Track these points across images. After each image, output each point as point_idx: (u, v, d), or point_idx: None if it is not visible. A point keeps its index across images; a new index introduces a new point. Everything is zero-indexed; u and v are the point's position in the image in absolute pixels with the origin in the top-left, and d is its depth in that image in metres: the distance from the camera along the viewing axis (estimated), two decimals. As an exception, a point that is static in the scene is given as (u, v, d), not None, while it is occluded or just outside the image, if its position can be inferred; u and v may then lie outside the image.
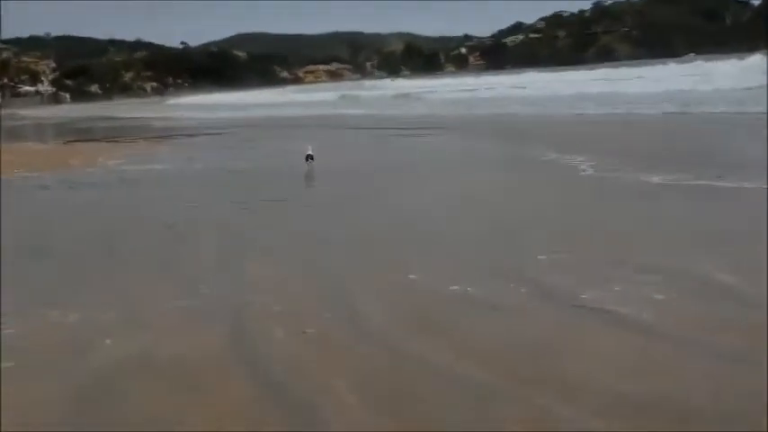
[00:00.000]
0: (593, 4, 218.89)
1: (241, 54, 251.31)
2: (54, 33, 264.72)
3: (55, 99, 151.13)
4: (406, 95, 61.38)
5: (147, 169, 17.60)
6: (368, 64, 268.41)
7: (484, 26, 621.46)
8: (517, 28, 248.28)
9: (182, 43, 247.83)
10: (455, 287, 6.58)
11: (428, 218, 10.13)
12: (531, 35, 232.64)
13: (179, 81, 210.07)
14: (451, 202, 11.31)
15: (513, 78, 72.26)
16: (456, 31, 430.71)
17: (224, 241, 8.97)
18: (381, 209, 11.01)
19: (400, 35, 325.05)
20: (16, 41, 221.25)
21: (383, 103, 50.83)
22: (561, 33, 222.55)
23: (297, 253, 8.29)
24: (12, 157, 21.73)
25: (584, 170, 13.42)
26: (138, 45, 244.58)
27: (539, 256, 7.43)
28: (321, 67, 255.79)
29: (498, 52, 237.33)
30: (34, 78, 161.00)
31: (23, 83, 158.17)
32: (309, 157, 15.64)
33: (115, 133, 36.45)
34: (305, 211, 11.07)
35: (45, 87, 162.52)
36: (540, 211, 10.13)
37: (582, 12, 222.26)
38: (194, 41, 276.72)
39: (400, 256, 7.85)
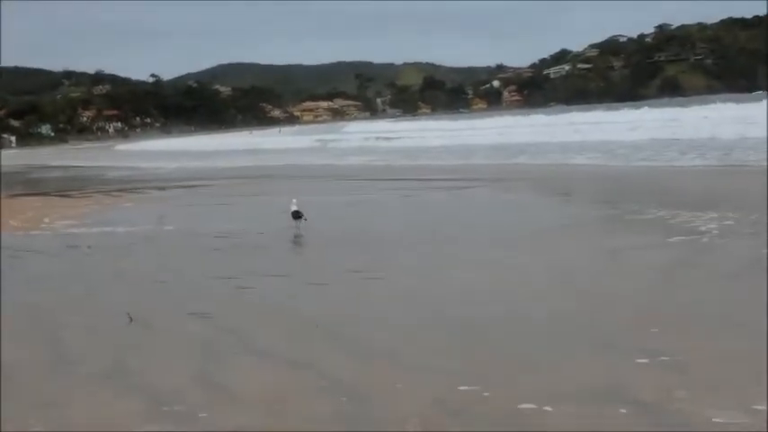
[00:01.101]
0: (657, 27, 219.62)
1: (224, 89, 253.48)
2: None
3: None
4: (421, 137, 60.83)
5: (104, 232, 16.83)
6: (379, 100, 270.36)
7: (521, 55, 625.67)
8: (562, 57, 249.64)
9: (152, 76, 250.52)
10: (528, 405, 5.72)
11: (484, 305, 9.20)
12: (580, 65, 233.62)
13: (148, 120, 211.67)
14: (514, 277, 10.41)
15: (561, 118, 71.67)
16: (487, 60, 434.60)
17: (207, 341, 8.05)
18: (415, 291, 10.09)
19: (417, 65, 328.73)
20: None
21: (404, 149, 50.35)
22: (617, 63, 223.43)
23: (310, 359, 7.33)
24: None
25: (704, 231, 12.78)
26: (100, 78, 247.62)
27: (637, 359, 6.60)
28: (322, 103, 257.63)
29: (539, 86, 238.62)
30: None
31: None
32: (297, 215, 15.29)
33: (68, 185, 35.96)
34: (310, 291, 10.16)
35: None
36: (652, 289, 9.25)
37: (642, 36, 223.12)
38: (168, 74, 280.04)
39: (450, 363, 6.94)
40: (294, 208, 15.54)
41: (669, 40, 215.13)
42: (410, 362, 7.07)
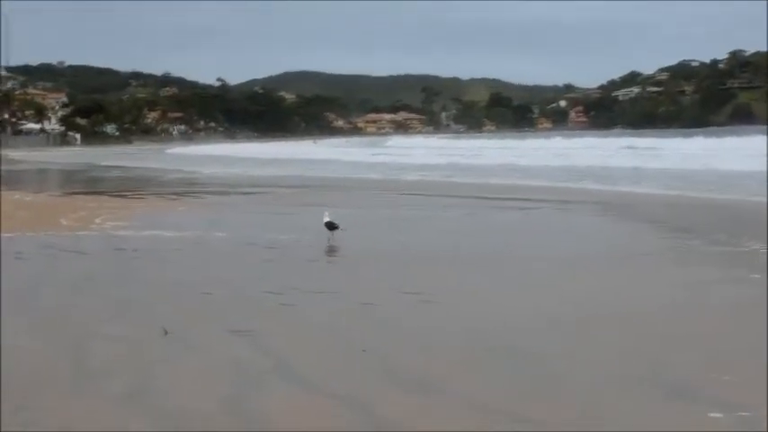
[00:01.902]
0: (730, 53, 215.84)
1: (289, 96, 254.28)
2: (69, 62, 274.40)
3: (63, 140, 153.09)
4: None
5: (153, 236, 16.40)
6: (443, 114, 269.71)
7: (590, 75, 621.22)
8: (632, 79, 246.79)
9: (218, 80, 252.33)
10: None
11: (549, 339, 8.50)
12: (650, 89, 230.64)
13: (212, 125, 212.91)
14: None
15: (632, 141, 70.08)
16: (555, 79, 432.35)
17: (244, 362, 7.48)
18: (472, 317, 9.42)
19: (484, 81, 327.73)
20: (24, 69, 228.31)
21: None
22: (688, 87, 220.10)
23: (353, 391, 6.70)
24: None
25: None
26: (166, 80, 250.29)
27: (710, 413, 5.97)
28: (386, 116, 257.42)
29: (606, 108, 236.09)
30: (41, 114, 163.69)
31: (27, 119, 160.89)
32: (332, 226, 14.88)
33: (125, 185, 35.92)
34: (358, 312, 9.53)
35: (52, 125, 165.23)
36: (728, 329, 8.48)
37: (715, 62, 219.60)
38: (234, 79, 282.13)
39: (513, 405, 6.26)
40: (327, 219, 15.02)
41: (742, 66, 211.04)
42: (468, 400, 6.42)
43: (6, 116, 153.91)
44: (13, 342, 8.18)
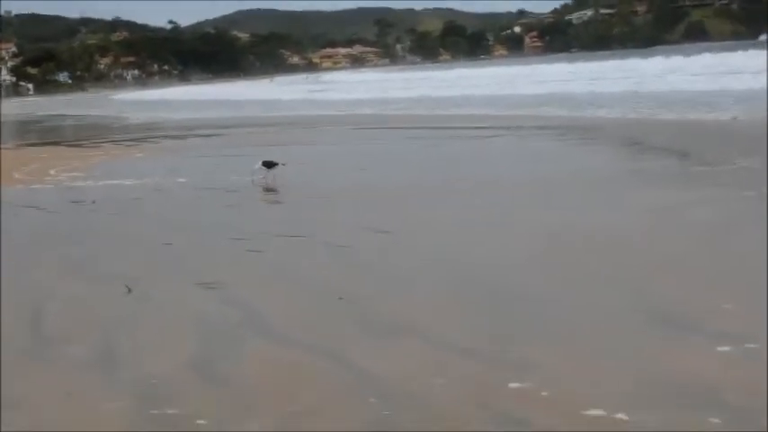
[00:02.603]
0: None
1: (243, 35, 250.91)
2: (16, 12, 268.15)
3: (15, 90, 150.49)
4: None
5: (111, 185, 15.78)
6: (398, 46, 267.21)
7: (543, 0, 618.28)
8: (585, 2, 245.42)
9: (170, 22, 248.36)
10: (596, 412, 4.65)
11: (521, 271, 8.09)
12: (603, 11, 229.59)
13: (166, 68, 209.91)
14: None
15: (587, 67, 69.14)
16: (508, 6, 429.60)
17: (212, 319, 7.01)
18: (439, 252, 8.99)
19: (438, 11, 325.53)
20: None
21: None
22: (641, 8, 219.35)
23: (331, 342, 6.26)
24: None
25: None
26: (117, 25, 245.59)
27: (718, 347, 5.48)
28: (341, 50, 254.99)
29: (561, 32, 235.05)
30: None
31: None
32: (270, 164, 14.62)
33: (79, 134, 35.02)
34: (328, 254, 9.04)
35: (3, 76, 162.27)
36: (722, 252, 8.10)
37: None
38: (185, 20, 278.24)
39: (493, 348, 5.84)
40: (260, 162, 14.75)
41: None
42: (450, 344, 5.99)
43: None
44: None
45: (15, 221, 12.40)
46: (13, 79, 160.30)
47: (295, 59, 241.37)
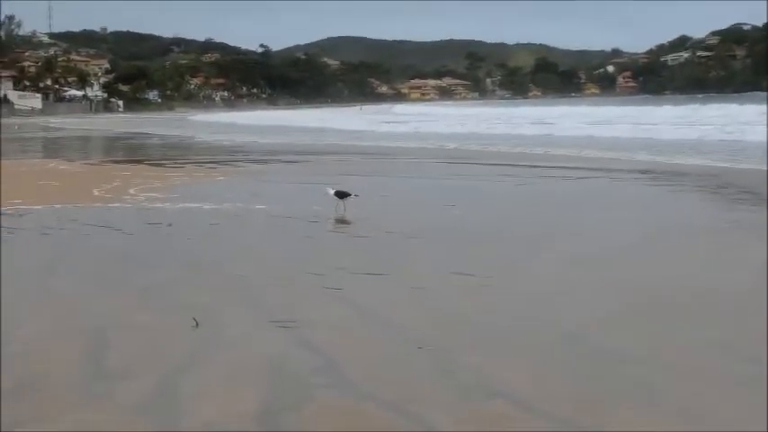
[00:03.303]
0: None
1: (332, 62, 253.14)
2: (111, 29, 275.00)
3: (105, 106, 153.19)
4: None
5: (189, 209, 15.50)
6: (488, 80, 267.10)
7: (638, 40, 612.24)
8: (681, 44, 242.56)
9: (261, 46, 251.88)
10: None
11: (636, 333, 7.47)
12: (700, 53, 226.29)
13: (254, 91, 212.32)
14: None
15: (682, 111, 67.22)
16: (601, 44, 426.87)
17: (284, 362, 6.55)
18: (534, 301, 8.40)
19: (530, 46, 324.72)
20: (66, 36, 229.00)
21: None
22: (740, 52, 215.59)
23: (409, 400, 5.75)
24: (18, 180, 20.11)
25: None
26: (209, 46, 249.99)
27: None
28: (430, 81, 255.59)
29: (655, 73, 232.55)
30: (83, 81, 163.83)
31: (70, 85, 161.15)
32: (343, 194, 14.46)
33: (163, 153, 35.17)
34: (410, 298, 8.52)
35: (95, 92, 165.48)
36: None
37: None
38: (276, 45, 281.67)
39: (597, 418, 5.26)
40: (332, 191, 14.55)
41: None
42: (540, 413, 5.44)
43: (49, 82, 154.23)
44: (24, 332, 7.33)
45: (88, 241, 12.17)
46: (105, 95, 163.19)
47: (383, 89, 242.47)
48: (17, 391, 5.87)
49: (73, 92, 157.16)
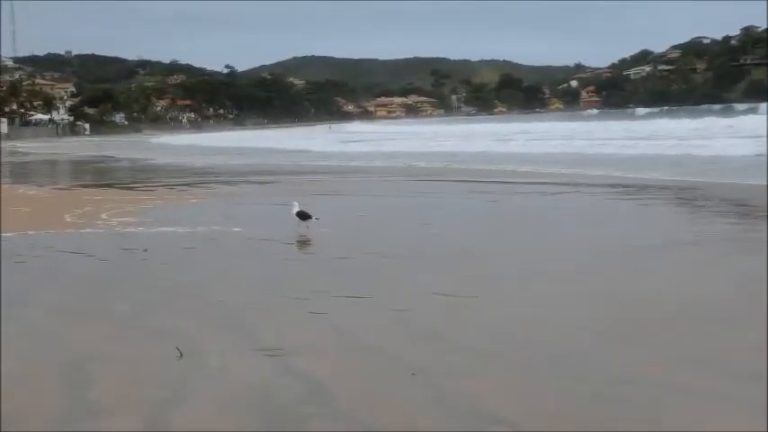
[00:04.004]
0: (743, 29, 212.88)
1: (298, 82, 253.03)
2: (75, 52, 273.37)
3: (72, 129, 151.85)
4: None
5: (163, 233, 15.25)
6: (454, 97, 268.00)
7: (600, 55, 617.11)
8: (643, 58, 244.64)
9: (226, 67, 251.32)
10: None
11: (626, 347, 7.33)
12: (662, 67, 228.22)
13: (221, 112, 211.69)
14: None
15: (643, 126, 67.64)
16: (565, 59, 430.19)
17: (271, 392, 6.34)
18: (518, 321, 8.25)
19: (494, 63, 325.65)
20: (31, 60, 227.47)
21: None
22: (700, 65, 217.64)
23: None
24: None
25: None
26: (174, 68, 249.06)
27: None
28: (396, 99, 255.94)
29: (618, 87, 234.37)
30: (49, 104, 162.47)
31: (36, 109, 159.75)
32: (305, 216, 14.43)
33: (134, 176, 34.85)
34: (395, 320, 8.34)
35: (61, 115, 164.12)
36: None
37: (727, 39, 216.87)
38: (242, 65, 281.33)
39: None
40: (296, 209, 14.50)
41: (755, 42, 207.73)
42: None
43: (15, 107, 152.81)
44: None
45: (63, 269, 11.89)
46: (71, 118, 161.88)
47: (350, 107, 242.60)
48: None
49: (39, 116, 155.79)
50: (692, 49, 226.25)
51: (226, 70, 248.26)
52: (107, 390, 6.44)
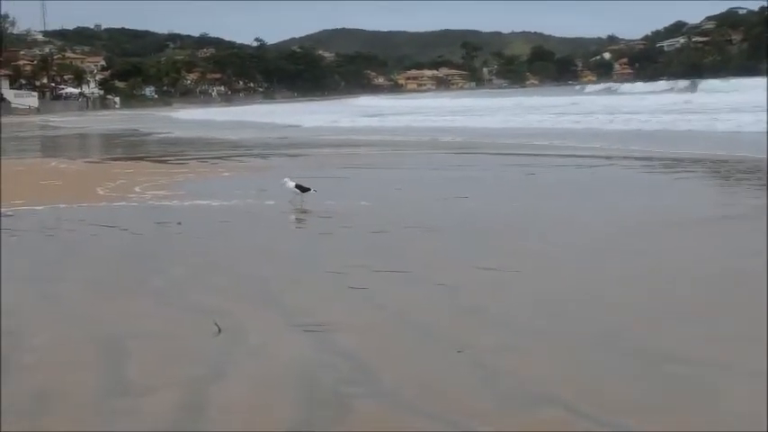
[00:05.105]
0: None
1: (328, 54, 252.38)
2: (105, 25, 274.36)
3: (102, 103, 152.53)
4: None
5: (197, 206, 15.10)
6: (485, 70, 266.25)
7: (634, 26, 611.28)
8: (677, 29, 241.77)
9: (256, 40, 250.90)
10: None
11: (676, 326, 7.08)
12: (696, 38, 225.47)
13: (251, 85, 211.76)
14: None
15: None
16: (598, 31, 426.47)
17: (314, 369, 6.15)
18: (564, 293, 8.02)
19: (526, 35, 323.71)
20: (61, 34, 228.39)
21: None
22: (736, 36, 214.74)
23: (453, 411, 5.36)
24: (20, 182, 19.70)
25: None
26: (204, 41, 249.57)
27: None
28: (427, 72, 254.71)
29: (652, 59, 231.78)
30: (79, 78, 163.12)
31: (66, 83, 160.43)
32: (303, 188, 14.44)
33: (165, 149, 34.74)
34: (439, 296, 8.12)
35: (91, 89, 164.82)
36: None
37: (764, 9, 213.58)
38: (271, 38, 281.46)
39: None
40: (292, 183, 14.48)
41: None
42: (597, 421, 5.06)
43: (46, 81, 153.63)
44: (30, 343, 6.93)
45: (96, 242, 11.76)
46: (101, 92, 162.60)
47: (380, 80, 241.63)
48: (33, 407, 5.49)
49: (69, 89, 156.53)
50: (728, 19, 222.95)
51: (255, 43, 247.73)
52: (144, 366, 6.29)
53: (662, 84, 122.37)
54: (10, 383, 5.92)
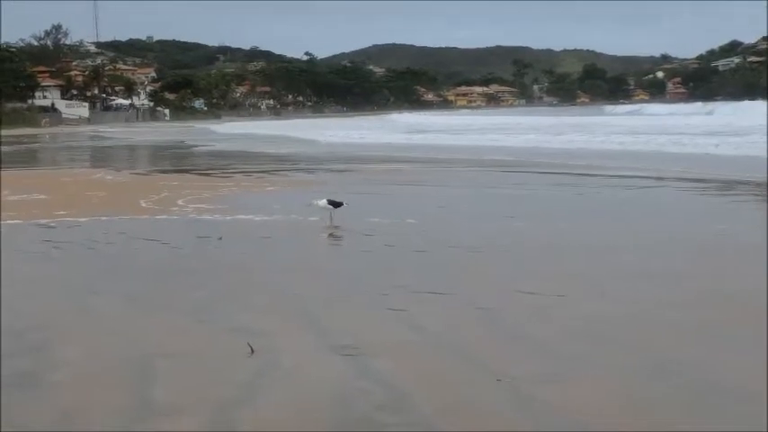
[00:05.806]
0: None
1: (378, 70, 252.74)
2: (157, 37, 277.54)
3: (152, 115, 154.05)
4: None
5: (239, 221, 15.03)
6: (536, 87, 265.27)
7: (688, 45, 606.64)
8: (732, 49, 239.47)
9: (306, 54, 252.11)
10: None
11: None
12: (752, 58, 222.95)
13: (300, 99, 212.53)
14: None
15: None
16: (651, 50, 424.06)
17: (350, 394, 5.99)
18: (612, 320, 7.78)
19: (578, 53, 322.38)
20: (112, 45, 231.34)
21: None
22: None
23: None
24: (65, 193, 19.84)
25: None
26: (254, 54, 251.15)
27: None
28: (477, 88, 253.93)
29: (706, 79, 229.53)
30: (130, 89, 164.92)
31: (117, 94, 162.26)
32: (337, 204, 14.25)
33: (212, 163, 34.86)
34: (478, 320, 7.92)
35: (141, 101, 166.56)
36: None
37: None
38: (322, 53, 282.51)
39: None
40: (322, 202, 14.30)
41: None
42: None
43: (96, 91, 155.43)
44: (60, 357, 6.84)
45: (135, 256, 11.72)
46: (151, 104, 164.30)
47: (429, 96, 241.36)
48: (54, 427, 5.39)
49: (120, 100, 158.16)
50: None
51: (305, 57, 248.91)
52: (173, 386, 6.17)
53: (682, 106, 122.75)
54: (35, 401, 5.84)
